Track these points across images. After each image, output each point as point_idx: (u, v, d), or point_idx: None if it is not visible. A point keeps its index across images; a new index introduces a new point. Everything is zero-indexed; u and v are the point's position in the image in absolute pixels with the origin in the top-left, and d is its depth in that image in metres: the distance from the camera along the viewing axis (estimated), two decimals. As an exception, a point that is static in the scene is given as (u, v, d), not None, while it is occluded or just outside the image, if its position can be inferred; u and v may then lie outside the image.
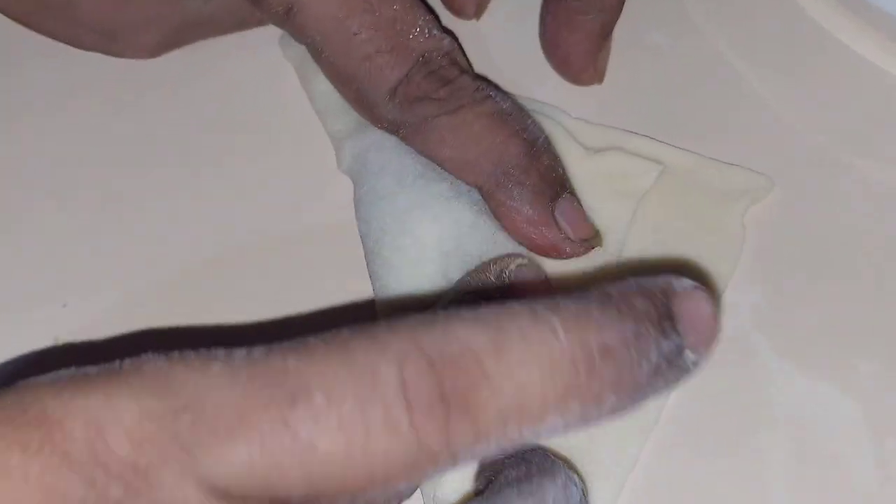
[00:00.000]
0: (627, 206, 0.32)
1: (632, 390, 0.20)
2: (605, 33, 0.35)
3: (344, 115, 0.34)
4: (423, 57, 0.30)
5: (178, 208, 0.34)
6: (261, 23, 0.36)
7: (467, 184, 0.31)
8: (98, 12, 0.34)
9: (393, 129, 0.31)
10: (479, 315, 0.20)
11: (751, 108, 0.36)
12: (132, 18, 0.34)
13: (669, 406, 0.30)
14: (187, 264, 0.32)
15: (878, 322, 0.31)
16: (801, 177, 0.34)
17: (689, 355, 0.21)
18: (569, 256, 0.31)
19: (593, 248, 0.31)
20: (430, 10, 0.32)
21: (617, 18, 0.35)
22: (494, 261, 0.28)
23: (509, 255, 0.28)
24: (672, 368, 0.20)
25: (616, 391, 0.20)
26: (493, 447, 0.19)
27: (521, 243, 0.30)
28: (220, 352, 0.19)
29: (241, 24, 0.36)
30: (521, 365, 0.19)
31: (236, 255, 0.33)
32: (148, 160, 0.35)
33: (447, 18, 0.37)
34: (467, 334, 0.19)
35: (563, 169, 0.31)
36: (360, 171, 0.32)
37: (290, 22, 0.31)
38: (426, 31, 0.31)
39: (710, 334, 0.21)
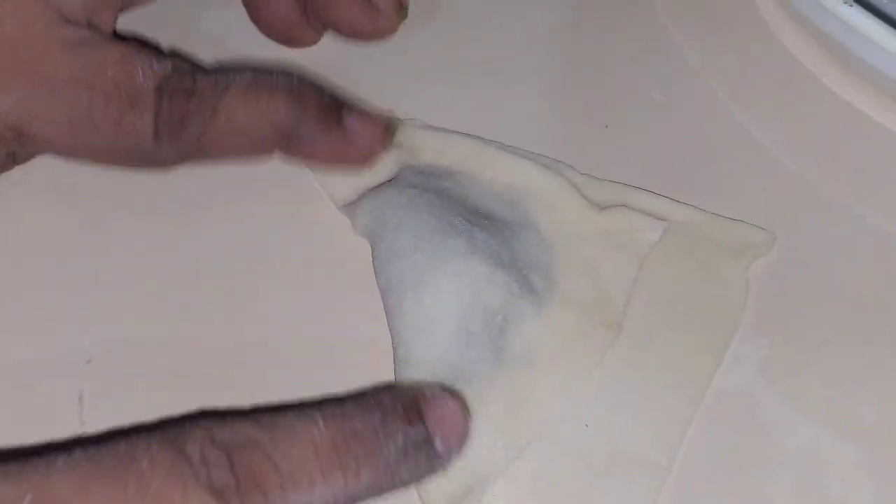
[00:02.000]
0: (633, 263, 0.33)
1: (384, 467, 0.25)
2: None
3: (349, 178, 0.34)
4: (158, 89, 0.31)
5: (196, 274, 0.33)
6: None
7: (267, 158, 0.32)
8: None
9: (179, 161, 0.32)
10: (258, 417, 0.25)
11: (753, 160, 0.36)
12: None
13: (679, 457, 0.30)
14: (213, 329, 0.32)
15: (881, 370, 0.32)
16: (804, 228, 0.35)
17: (439, 444, 0.26)
18: (376, 159, 0.33)
19: (392, 135, 0.34)
20: (138, 43, 0.32)
21: None
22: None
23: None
24: (421, 453, 0.25)
25: (369, 465, 0.25)
26: None
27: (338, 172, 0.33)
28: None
29: None
30: (293, 449, 0.24)
31: (253, 322, 0.33)
32: (155, 214, 0.35)
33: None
34: (249, 429, 0.24)
35: (327, 90, 0.33)
36: (376, 229, 0.32)
37: (25, 141, 0.31)
38: (148, 67, 0.31)
39: (457, 429, 0.26)
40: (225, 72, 0.32)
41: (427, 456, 0.26)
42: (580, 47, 0.39)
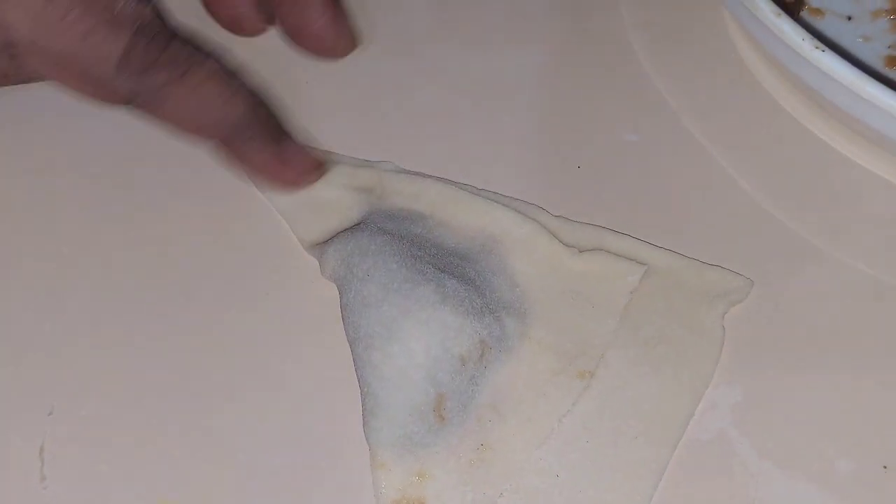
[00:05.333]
0: (611, 310, 0.32)
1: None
2: None
3: (318, 220, 0.34)
4: (137, 26, 0.31)
5: (164, 313, 0.33)
6: None
7: (202, 141, 0.34)
8: None
9: (128, 100, 0.32)
10: None
11: (730, 202, 0.36)
12: None
13: (653, 505, 0.30)
14: (172, 369, 0.32)
15: (856, 420, 0.31)
16: (780, 271, 0.34)
17: None
18: (302, 186, 0.35)
19: (322, 173, 0.35)
20: None
21: None
22: None
23: None
24: None
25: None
26: None
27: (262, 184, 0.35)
28: None
29: None
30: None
31: (219, 364, 0.32)
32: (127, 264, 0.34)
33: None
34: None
35: (278, 116, 0.35)
36: (344, 276, 0.32)
37: None
38: (130, 1, 0.32)
39: None
40: (199, 46, 0.33)
41: None
42: (552, 87, 0.39)
